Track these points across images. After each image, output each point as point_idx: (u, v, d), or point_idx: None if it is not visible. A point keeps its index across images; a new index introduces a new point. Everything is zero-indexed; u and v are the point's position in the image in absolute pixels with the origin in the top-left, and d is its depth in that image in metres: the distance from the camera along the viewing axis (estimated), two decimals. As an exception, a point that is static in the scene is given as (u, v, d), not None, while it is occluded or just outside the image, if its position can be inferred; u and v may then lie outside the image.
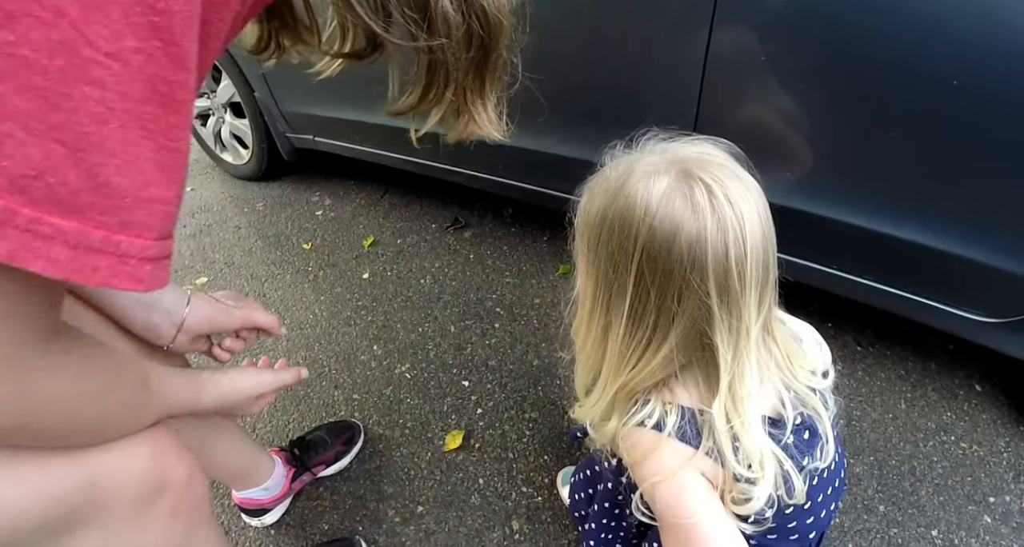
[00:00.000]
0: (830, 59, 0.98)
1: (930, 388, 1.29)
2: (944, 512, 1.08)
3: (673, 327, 0.61)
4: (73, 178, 0.32)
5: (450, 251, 1.86)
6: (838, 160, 1.08)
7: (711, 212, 0.56)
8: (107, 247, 0.34)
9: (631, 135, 0.70)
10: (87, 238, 0.33)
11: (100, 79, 0.31)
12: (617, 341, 0.64)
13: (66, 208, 0.32)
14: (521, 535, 1.10)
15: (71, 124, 0.31)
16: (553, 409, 1.31)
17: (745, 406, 0.62)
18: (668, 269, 0.58)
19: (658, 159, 0.61)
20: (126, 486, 0.57)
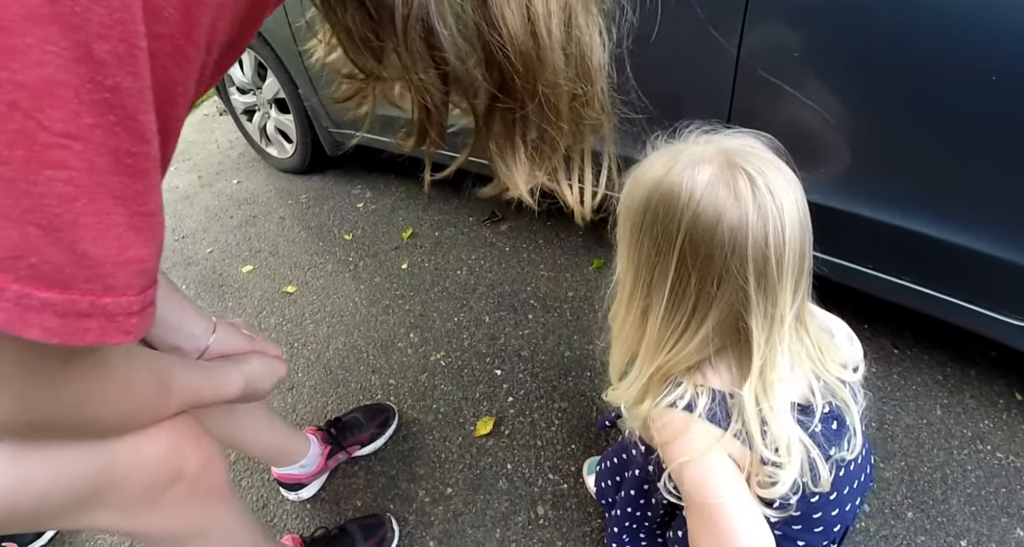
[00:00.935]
0: (865, 54, 0.97)
1: (968, 395, 1.26)
2: (975, 522, 1.06)
3: (711, 310, 0.63)
4: (53, 256, 0.34)
5: (486, 244, 1.90)
6: (874, 158, 1.06)
7: (752, 200, 0.58)
8: (95, 311, 0.37)
9: (674, 127, 0.72)
10: (75, 306, 0.36)
11: (62, 160, 0.33)
12: (656, 323, 0.67)
13: (51, 282, 0.35)
14: (546, 520, 1.13)
15: (42, 207, 0.33)
16: (582, 399, 1.34)
17: (775, 391, 0.64)
18: (710, 254, 0.60)
19: (702, 149, 0.63)
20: (138, 474, 0.61)
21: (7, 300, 0.34)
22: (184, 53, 0.37)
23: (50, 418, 0.49)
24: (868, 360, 1.33)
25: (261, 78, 2.26)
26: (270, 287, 1.87)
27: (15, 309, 0.34)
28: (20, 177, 0.32)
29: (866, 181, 1.09)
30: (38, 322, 0.35)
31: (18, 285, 0.34)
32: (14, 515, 0.55)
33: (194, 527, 0.71)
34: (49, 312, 0.35)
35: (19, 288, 0.34)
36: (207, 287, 1.93)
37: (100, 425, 0.56)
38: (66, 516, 0.60)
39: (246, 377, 0.80)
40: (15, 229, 0.33)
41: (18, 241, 0.33)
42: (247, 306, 1.81)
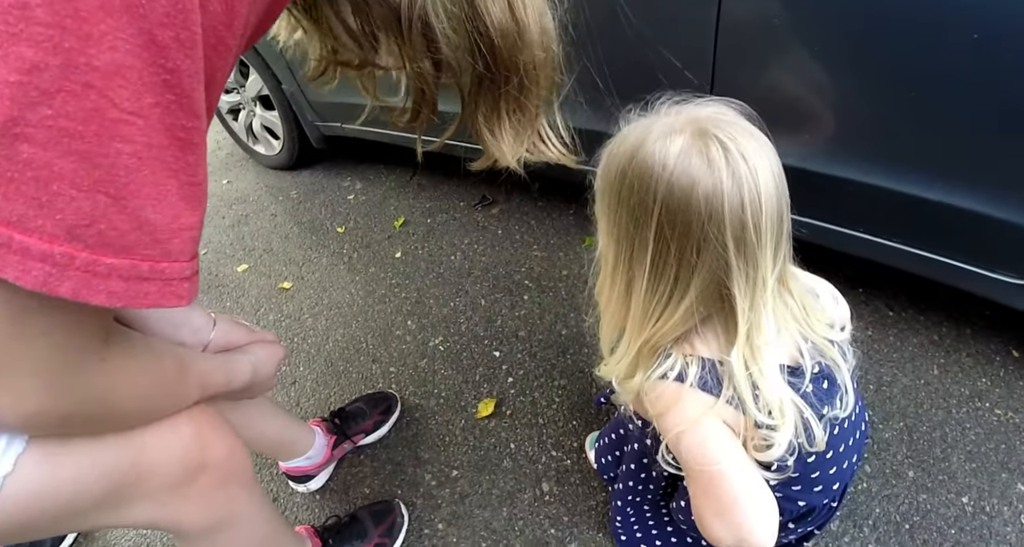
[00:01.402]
0: (846, 18, 0.97)
1: (964, 354, 1.27)
2: (976, 479, 1.07)
3: (693, 279, 0.63)
4: (119, 223, 0.38)
5: (479, 228, 1.90)
6: (860, 121, 1.06)
7: (726, 167, 0.58)
8: (154, 275, 0.40)
9: (646, 99, 0.72)
10: (137, 270, 0.39)
11: (128, 135, 0.36)
12: (640, 295, 0.67)
13: (117, 248, 0.38)
14: (551, 496, 1.14)
15: (111, 178, 0.36)
16: (581, 376, 1.34)
17: (762, 354, 0.65)
18: (687, 222, 0.60)
19: (673, 120, 0.63)
20: (168, 464, 0.63)
21: (76, 269, 0.37)
22: (225, 43, 0.41)
23: (81, 406, 0.51)
24: (864, 323, 1.36)
25: (244, 76, 2.24)
26: (266, 284, 1.87)
27: (83, 276, 0.37)
28: (93, 150, 0.35)
29: (855, 145, 1.09)
30: (104, 287, 0.38)
31: (87, 253, 0.37)
32: (48, 517, 0.56)
33: (221, 516, 0.73)
34: (115, 277, 0.38)
35: (88, 255, 0.37)
36: (204, 288, 1.92)
37: (127, 412, 0.58)
38: (100, 514, 0.61)
39: (252, 365, 0.82)
40: (86, 199, 0.36)
41: (89, 209, 0.36)
42: (245, 304, 1.81)
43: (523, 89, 0.61)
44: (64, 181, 0.35)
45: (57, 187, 0.35)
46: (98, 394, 0.51)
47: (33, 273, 0.36)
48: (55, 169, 0.35)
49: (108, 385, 0.52)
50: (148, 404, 0.60)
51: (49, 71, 0.33)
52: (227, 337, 0.86)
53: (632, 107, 0.73)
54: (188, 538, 0.73)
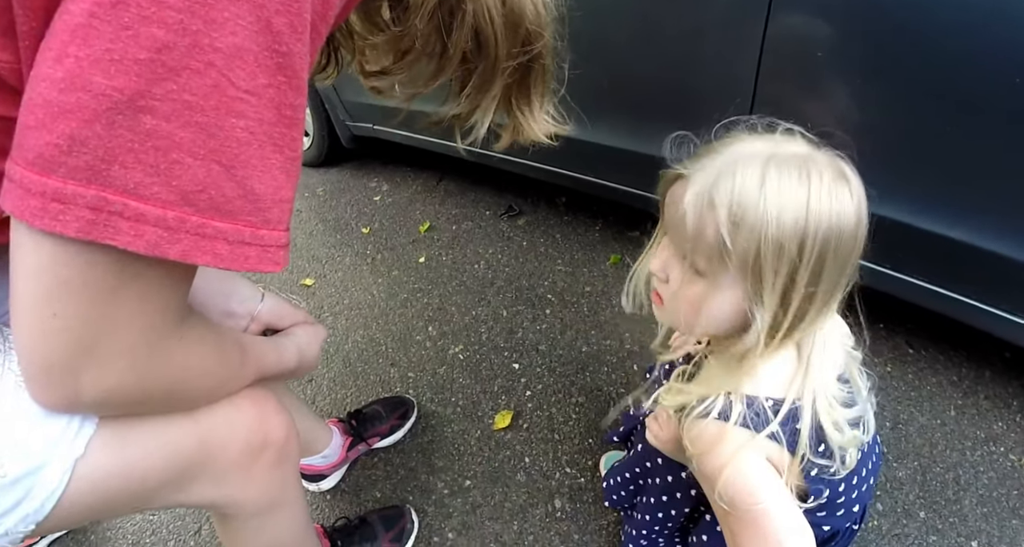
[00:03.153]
0: (887, 52, 0.98)
1: (982, 396, 1.27)
2: (986, 524, 1.07)
3: (823, 311, 0.64)
4: (228, 190, 0.41)
5: (504, 238, 1.91)
6: (894, 157, 1.06)
7: (864, 203, 0.61)
8: (255, 240, 0.44)
9: (717, 126, 0.68)
10: (240, 235, 0.43)
11: (243, 111, 0.40)
12: (768, 338, 0.64)
13: (224, 213, 0.41)
14: (563, 513, 1.15)
15: (225, 148, 0.40)
16: (599, 394, 1.35)
17: (824, 378, 0.66)
18: (855, 266, 0.62)
19: (801, 156, 0.60)
20: (234, 442, 0.65)
21: (186, 232, 0.40)
22: (318, 31, 0.44)
23: (159, 384, 0.53)
24: (883, 359, 1.36)
25: (278, 71, 2.27)
26: (288, 279, 1.90)
27: (192, 239, 0.40)
28: (211, 122, 0.39)
29: (885, 182, 1.09)
30: (211, 249, 0.41)
31: (198, 216, 0.40)
32: (118, 498, 0.58)
33: (276, 496, 0.75)
34: (220, 240, 0.42)
35: (198, 219, 0.40)
36: (227, 278, 1.95)
37: (197, 391, 0.60)
38: (166, 494, 0.63)
39: (298, 347, 0.84)
40: (201, 167, 0.39)
41: (203, 177, 0.40)
42: (266, 297, 1.83)
43: (544, 69, 0.67)
44: (183, 150, 0.38)
45: (176, 155, 0.38)
46: (174, 373, 0.53)
47: (146, 237, 0.39)
48: (175, 139, 0.38)
49: (183, 365, 0.54)
50: (215, 383, 0.62)
51: (176, 50, 0.36)
52: (274, 311, 0.89)
53: (684, 135, 0.69)
54: (242, 518, 0.75)
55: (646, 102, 1.35)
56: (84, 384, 0.46)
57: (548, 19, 0.62)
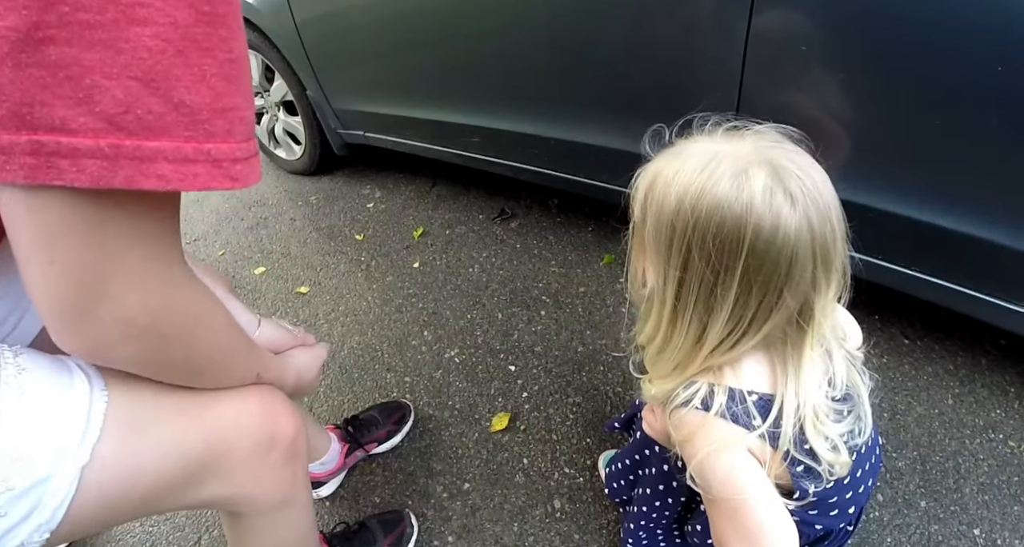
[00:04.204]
0: (873, 44, 0.98)
1: (979, 384, 1.27)
2: (988, 511, 1.07)
3: (771, 317, 0.61)
4: (154, 106, 0.38)
5: (497, 241, 1.91)
6: (882, 148, 1.07)
7: (809, 203, 0.57)
8: (200, 156, 0.41)
9: (688, 118, 0.70)
10: (181, 152, 0.40)
11: (146, 17, 0.37)
12: (715, 336, 0.64)
13: (157, 131, 0.39)
14: (562, 513, 1.14)
15: (136, 61, 0.37)
16: (596, 394, 1.35)
17: (809, 389, 0.64)
18: (775, 263, 0.58)
19: (738, 150, 0.60)
20: (243, 440, 0.65)
21: (125, 157, 0.38)
22: None
23: (174, 321, 0.52)
24: (879, 350, 1.36)
25: (269, 81, 2.27)
26: (283, 288, 1.89)
27: (132, 163, 0.38)
28: (113, 36, 0.36)
29: (876, 172, 1.10)
30: (153, 171, 0.39)
31: (131, 140, 0.38)
32: (129, 504, 0.57)
33: (286, 494, 0.74)
34: (160, 160, 0.39)
35: (132, 142, 0.38)
36: (221, 289, 1.95)
37: (211, 347, 0.58)
38: (177, 496, 0.62)
39: (296, 370, 0.83)
40: (118, 86, 0.37)
41: (122, 96, 0.37)
42: (261, 307, 1.83)
43: None
44: (95, 72, 0.36)
45: (90, 80, 0.36)
46: (189, 312, 0.53)
47: (88, 171, 0.37)
48: (84, 63, 0.36)
49: (195, 307, 0.53)
50: (229, 350, 0.61)
51: None
52: (272, 338, 0.88)
53: (660, 127, 0.71)
54: (252, 516, 0.74)
55: (634, 101, 1.36)
56: (103, 319, 0.46)
57: None
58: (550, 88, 1.48)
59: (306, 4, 1.84)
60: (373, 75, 1.87)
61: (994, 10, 0.85)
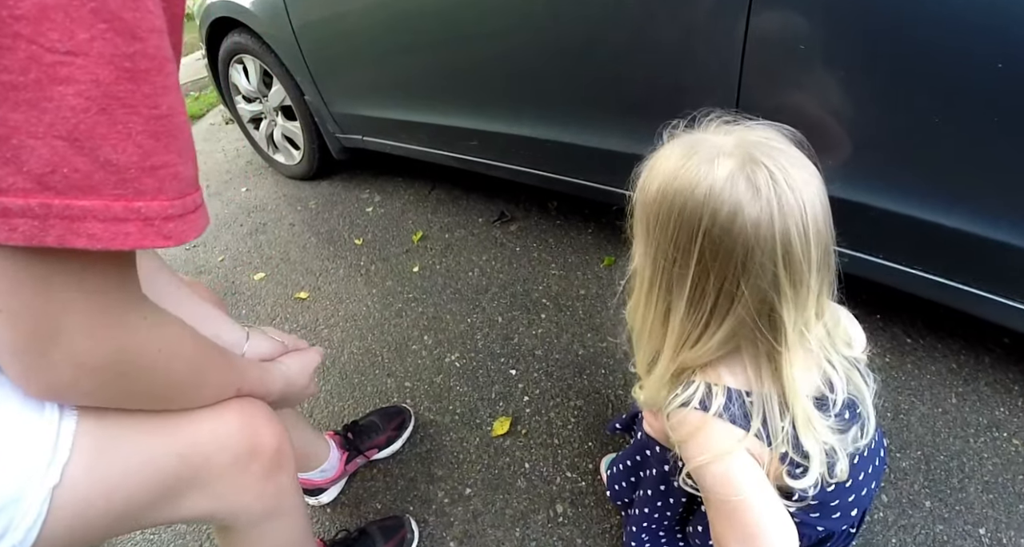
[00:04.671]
0: (872, 43, 0.97)
1: (983, 382, 1.26)
2: (993, 510, 1.06)
3: (732, 309, 0.61)
4: (80, 164, 0.38)
5: (497, 244, 1.91)
6: (882, 147, 1.06)
7: (774, 196, 0.56)
8: (130, 215, 0.41)
9: (693, 114, 0.70)
10: (111, 210, 0.40)
11: (68, 76, 0.37)
12: (677, 321, 0.65)
13: (86, 190, 0.39)
14: (565, 518, 1.14)
15: (61, 120, 0.37)
16: (598, 397, 1.35)
17: (797, 389, 0.63)
18: (729, 250, 0.58)
19: (722, 140, 0.61)
20: (220, 453, 0.64)
21: (55, 217, 0.38)
22: None
23: (134, 364, 0.52)
24: (881, 350, 1.35)
25: (267, 86, 2.28)
26: (283, 293, 1.89)
27: (62, 223, 0.39)
28: (37, 95, 0.36)
29: (877, 171, 1.09)
30: (84, 230, 0.39)
31: (59, 199, 0.38)
32: (104, 522, 0.57)
33: (272, 505, 0.73)
34: (91, 219, 0.39)
35: (61, 201, 0.38)
36: (220, 295, 1.95)
37: (178, 377, 0.58)
38: (156, 511, 0.61)
39: (284, 376, 0.82)
40: (44, 145, 0.37)
41: (48, 155, 0.37)
42: (260, 313, 1.83)
43: None
44: (21, 132, 0.36)
45: (16, 140, 0.36)
46: (147, 352, 0.52)
47: (20, 230, 0.38)
48: (10, 124, 0.36)
49: (155, 344, 0.53)
50: (197, 373, 0.61)
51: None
52: (259, 350, 0.87)
53: (675, 122, 0.71)
54: (241, 529, 0.73)
55: (632, 103, 1.35)
56: (56, 363, 0.46)
57: None
58: (549, 91, 1.48)
59: (303, 9, 1.84)
60: (371, 79, 1.87)
61: (994, 9, 0.85)
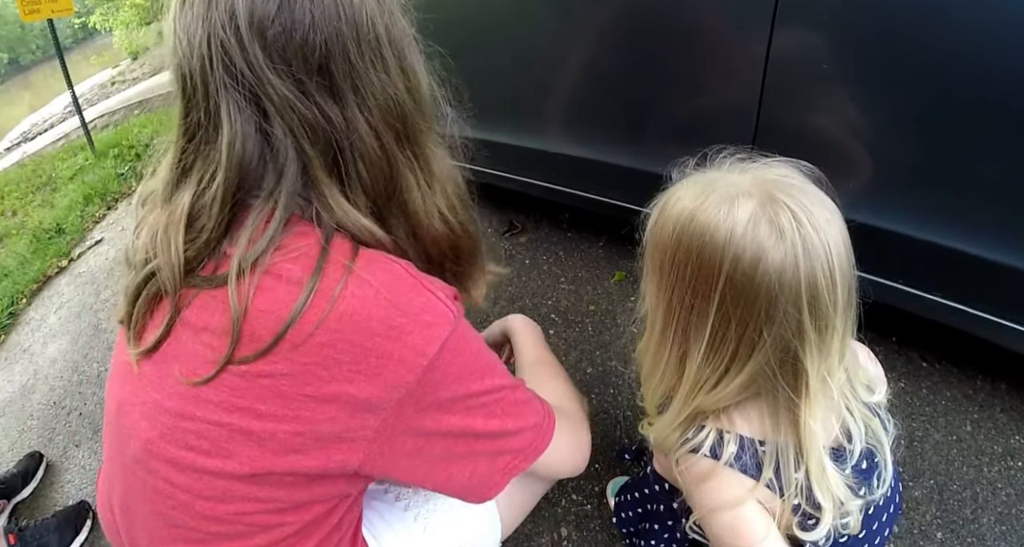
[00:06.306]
0: (897, 65, 0.95)
1: (998, 410, 1.24)
2: (1005, 543, 1.04)
3: (753, 356, 0.60)
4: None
5: (506, 256, 1.91)
6: (906, 173, 1.04)
7: (798, 239, 0.55)
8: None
9: (704, 152, 0.68)
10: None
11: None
12: (694, 367, 0.64)
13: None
14: (569, 542, 1.14)
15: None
16: (606, 418, 1.34)
17: (814, 440, 0.62)
18: (753, 297, 0.56)
19: (738, 180, 0.59)
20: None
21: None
22: None
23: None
24: (897, 374, 1.33)
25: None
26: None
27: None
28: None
29: (898, 197, 1.07)
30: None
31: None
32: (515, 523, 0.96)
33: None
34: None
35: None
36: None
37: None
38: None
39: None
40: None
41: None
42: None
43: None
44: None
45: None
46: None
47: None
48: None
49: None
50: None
51: None
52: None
53: (687, 159, 0.70)
54: None
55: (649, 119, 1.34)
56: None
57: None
58: (562, 104, 1.47)
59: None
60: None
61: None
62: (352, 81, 0.58)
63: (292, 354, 0.53)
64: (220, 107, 0.55)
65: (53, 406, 2.02)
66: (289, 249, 0.56)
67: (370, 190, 0.62)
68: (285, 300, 0.53)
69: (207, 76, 0.55)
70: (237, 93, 0.55)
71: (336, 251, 0.56)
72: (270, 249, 0.55)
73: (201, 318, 0.56)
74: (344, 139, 0.59)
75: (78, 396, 2.02)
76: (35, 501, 1.66)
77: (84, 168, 4.14)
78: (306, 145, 0.57)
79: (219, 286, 0.55)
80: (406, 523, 0.81)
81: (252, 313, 0.53)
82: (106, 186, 3.71)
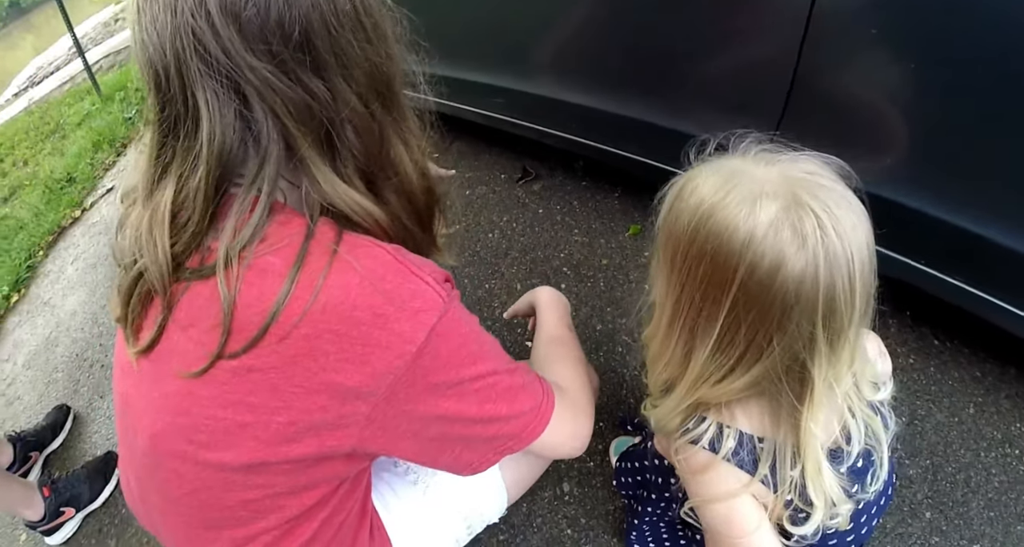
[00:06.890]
0: (948, 36, 0.88)
1: (1003, 395, 1.24)
2: (991, 528, 1.06)
3: (760, 361, 0.59)
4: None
5: (519, 204, 1.86)
6: (942, 152, 0.99)
7: (821, 247, 0.52)
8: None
9: (725, 135, 0.65)
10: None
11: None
12: (699, 364, 0.63)
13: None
14: (571, 497, 1.17)
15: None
16: (612, 376, 1.35)
17: (812, 442, 0.62)
18: (767, 305, 0.54)
19: (763, 176, 0.56)
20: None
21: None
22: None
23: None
24: (907, 349, 1.33)
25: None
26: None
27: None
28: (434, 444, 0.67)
29: (931, 178, 1.03)
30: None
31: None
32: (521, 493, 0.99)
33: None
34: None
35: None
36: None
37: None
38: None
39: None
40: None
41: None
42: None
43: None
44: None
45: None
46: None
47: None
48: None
49: None
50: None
51: None
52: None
53: (705, 140, 0.67)
54: None
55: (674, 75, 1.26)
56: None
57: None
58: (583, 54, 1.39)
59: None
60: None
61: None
62: (335, 53, 0.57)
63: (279, 347, 0.53)
64: (198, 98, 0.54)
65: (76, 358, 2.06)
66: (272, 240, 0.56)
67: (362, 160, 0.62)
68: (269, 293, 0.53)
69: (181, 68, 0.53)
70: (214, 81, 0.53)
71: (319, 239, 0.56)
72: (255, 239, 0.55)
73: (189, 315, 0.57)
74: (333, 113, 0.58)
75: (99, 348, 2.05)
76: (65, 452, 1.72)
77: (91, 113, 4.09)
78: (291, 125, 0.56)
79: (207, 277, 0.55)
80: (415, 494, 0.84)
81: (239, 307, 0.53)
82: (114, 131, 3.65)
